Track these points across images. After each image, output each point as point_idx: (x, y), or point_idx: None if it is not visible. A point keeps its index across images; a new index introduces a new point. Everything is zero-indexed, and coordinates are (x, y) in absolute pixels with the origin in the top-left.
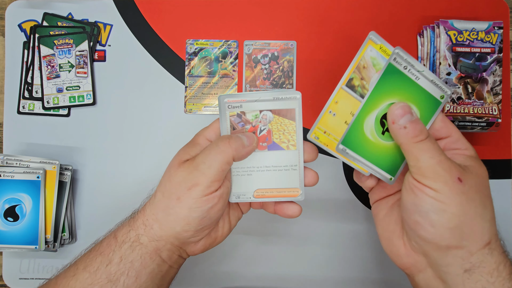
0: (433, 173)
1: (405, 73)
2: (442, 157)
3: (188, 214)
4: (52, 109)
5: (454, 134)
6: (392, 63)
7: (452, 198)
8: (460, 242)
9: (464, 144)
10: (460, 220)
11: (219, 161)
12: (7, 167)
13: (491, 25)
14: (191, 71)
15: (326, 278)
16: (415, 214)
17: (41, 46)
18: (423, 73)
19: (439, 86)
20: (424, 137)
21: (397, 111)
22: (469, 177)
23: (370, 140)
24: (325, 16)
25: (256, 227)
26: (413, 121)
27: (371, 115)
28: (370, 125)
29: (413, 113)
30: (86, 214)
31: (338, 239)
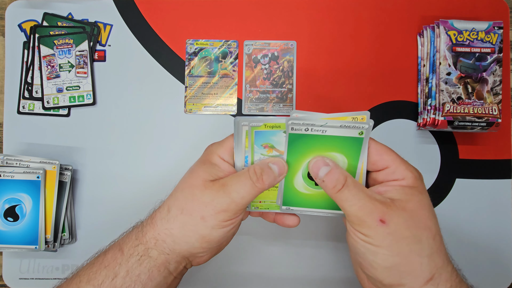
0: (357, 219)
1: (310, 133)
2: (362, 202)
3: (209, 233)
4: (52, 109)
5: (391, 164)
6: (291, 132)
7: (380, 240)
8: (399, 280)
9: (401, 174)
10: (394, 260)
11: (252, 195)
12: (7, 167)
13: (491, 25)
14: (191, 71)
15: (326, 278)
16: (357, 255)
17: (41, 46)
18: (328, 125)
19: (352, 127)
20: (340, 186)
21: (313, 168)
22: (394, 215)
23: (307, 194)
24: (325, 16)
25: (257, 228)
26: (329, 173)
27: (297, 176)
28: (300, 183)
29: (329, 163)
30: (86, 214)
31: (338, 239)
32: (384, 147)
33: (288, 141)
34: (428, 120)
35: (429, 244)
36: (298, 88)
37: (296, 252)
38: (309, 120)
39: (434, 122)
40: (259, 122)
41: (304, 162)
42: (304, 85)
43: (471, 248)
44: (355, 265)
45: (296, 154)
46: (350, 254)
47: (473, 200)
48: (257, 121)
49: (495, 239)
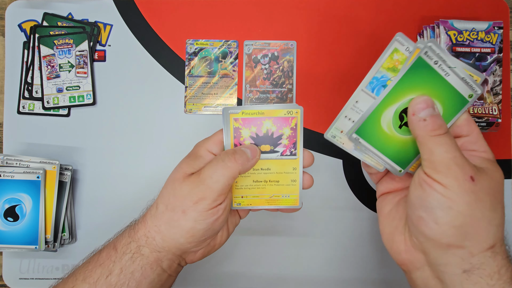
0: (446, 168)
1: (435, 68)
2: (458, 153)
3: (193, 226)
4: (52, 109)
5: (474, 134)
6: (423, 57)
7: (460, 196)
8: (462, 242)
9: (482, 146)
10: (466, 219)
11: (226, 176)
12: (7, 167)
13: (491, 25)
14: (191, 71)
15: (326, 278)
16: (420, 209)
17: (41, 46)
18: (455, 69)
19: (469, 84)
20: (442, 132)
21: (419, 104)
22: (483, 178)
23: (385, 132)
24: (325, 16)
25: (256, 228)
26: (433, 115)
27: (391, 108)
28: (387, 117)
29: (435, 108)
30: (86, 214)
31: (338, 239)
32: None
33: (412, 65)
34: None
35: (501, 216)
36: (298, 88)
37: (296, 252)
38: (444, 54)
39: None
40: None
41: (406, 97)
42: (304, 85)
43: None
44: (391, 225)
45: (405, 85)
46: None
47: None
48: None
49: None
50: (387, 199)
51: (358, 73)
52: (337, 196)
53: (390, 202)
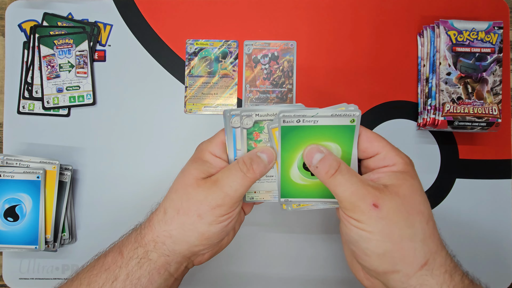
0: (350, 204)
1: (302, 124)
2: (354, 186)
3: (208, 230)
4: (52, 109)
5: (382, 151)
6: (284, 125)
7: (373, 226)
8: (393, 267)
9: (391, 159)
10: (387, 246)
11: (245, 186)
12: (7, 167)
13: (491, 25)
14: (191, 71)
15: (326, 278)
16: (351, 244)
17: (41, 46)
18: (319, 115)
19: (342, 115)
20: (333, 171)
21: (307, 156)
22: (387, 200)
23: (304, 184)
24: (325, 16)
25: (256, 228)
26: (322, 159)
27: (293, 168)
28: (296, 174)
29: (322, 150)
30: (86, 214)
31: (338, 239)
32: (374, 134)
33: (281, 133)
34: (428, 120)
35: (422, 228)
36: (298, 88)
37: (296, 252)
38: (300, 111)
39: (434, 122)
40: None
41: (298, 153)
42: (304, 85)
43: (471, 248)
44: (349, 256)
45: (290, 146)
46: (343, 246)
47: (473, 200)
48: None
49: (495, 239)
50: (342, 226)
51: (358, 73)
52: None
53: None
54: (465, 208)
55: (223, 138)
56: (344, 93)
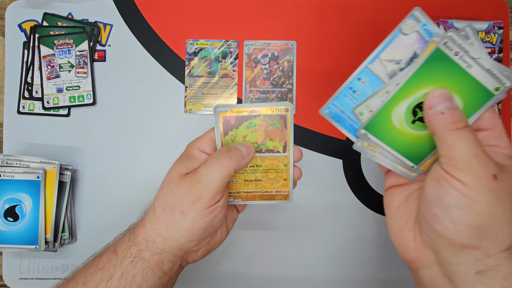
0: (467, 165)
1: (455, 60)
2: (480, 149)
3: (192, 226)
4: (52, 109)
5: (497, 129)
6: (441, 48)
7: (481, 195)
8: (478, 242)
9: (505, 142)
10: (485, 219)
11: (221, 174)
12: (7, 167)
13: (491, 25)
14: (191, 71)
15: (326, 278)
16: (436, 206)
17: (41, 46)
18: (479, 61)
19: (496, 76)
20: (462, 125)
21: (436, 97)
22: (505, 177)
23: (396, 128)
24: (325, 16)
25: (255, 228)
26: (452, 108)
27: (403, 103)
28: (399, 113)
29: (453, 101)
30: (86, 214)
31: (338, 239)
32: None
33: (428, 58)
34: None
35: None
36: (298, 88)
37: (296, 252)
38: (467, 44)
39: None
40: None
41: (421, 91)
42: (304, 85)
43: None
44: (401, 222)
45: (420, 78)
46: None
47: None
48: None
49: None
50: (396, 193)
51: None
52: (337, 196)
53: (399, 196)
54: None
55: (213, 135)
56: None
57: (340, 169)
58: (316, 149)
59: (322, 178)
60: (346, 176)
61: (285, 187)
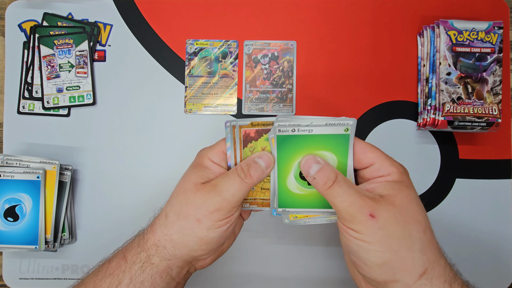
0: (348, 215)
1: (297, 134)
2: (352, 197)
3: (207, 234)
4: (52, 109)
5: (376, 161)
6: (279, 134)
7: (371, 236)
8: (393, 276)
9: (386, 170)
10: (386, 256)
11: (243, 191)
12: (7, 167)
13: (491, 25)
14: (191, 71)
15: (326, 278)
16: (351, 254)
17: (41, 46)
18: (313, 124)
19: (336, 124)
20: (331, 183)
21: (304, 167)
22: (383, 210)
23: (301, 194)
24: (325, 16)
25: (256, 229)
26: (320, 170)
27: (289, 177)
28: (293, 184)
29: (319, 161)
30: (86, 214)
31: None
32: (368, 144)
33: (277, 143)
34: (428, 120)
35: (420, 238)
36: (298, 88)
37: (296, 252)
38: (295, 121)
39: (434, 122)
40: (246, 121)
41: (295, 162)
42: (304, 85)
43: (471, 248)
44: (350, 265)
45: (286, 155)
46: (344, 255)
47: (473, 200)
48: (244, 120)
49: (495, 239)
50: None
51: (358, 73)
52: None
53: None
54: (465, 208)
55: (224, 147)
56: (344, 93)
57: None
58: None
59: None
60: None
61: None
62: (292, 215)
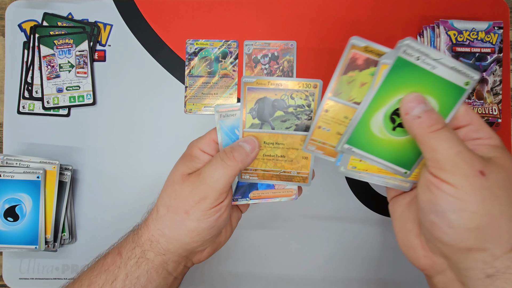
0: (452, 165)
1: (418, 64)
2: (462, 147)
3: (197, 226)
4: (52, 109)
5: (475, 122)
6: (402, 56)
7: (473, 195)
8: (482, 244)
9: (487, 133)
10: (482, 219)
11: (226, 175)
12: (7, 167)
13: (491, 25)
14: (191, 71)
15: (326, 278)
16: (431, 214)
17: (41, 46)
18: (441, 61)
19: (462, 72)
20: (440, 126)
21: (410, 102)
22: (494, 171)
23: (379, 138)
24: (325, 16)
25: (257, 228)
26: (427, 111)
27: (379, 113)
28: (378, 122)
29: (427, 103)
30: (86, 214)
31: (338, 239)
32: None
33: (392, 67)
34: None
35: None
36: None
37: (296, 253)
38: (425, 49)
39: None
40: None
41: (394, 98)
42: None
43: None
44: (405, 230)
45: (389, 87)
46: (393, 221)
47: None
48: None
49: None
50: (398, 202)
51: None
52: (338, 197)
53: (401, 205)
54: None
55: (214, 136)
56: None
57: None
58: None
59: (322, 178)
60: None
61: (305, 168)
62: (352, 163)
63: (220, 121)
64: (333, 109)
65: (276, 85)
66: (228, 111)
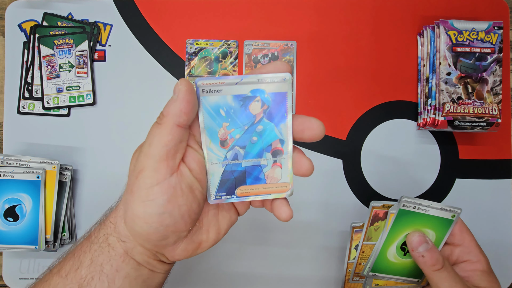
0: None
1: (415, 210)
2: (458, 285)
3: (143, 210)
4: (52, 109)
5: (467, 244)
6: (402, 208)
7: None
8: None
9: (476, 256)
10: None
11: (160, 135)
12: (7, 167)
13: (491, 25)
14: (191, 71)
15: (326, 278)
16: None
17: (41, 46)
18: (431, 205)
19: (448, 209)
20: (440, 266)
21: (414, 242)
22: None
23: (394, 263)
24: (325, 16)
25: (255, 228)
26: (429, 250)
27: (392, 246)
28: (392, 252)
29: (428, 241)
30: (86, 214)
31: (338, 239)
32: (466, 226)
33: (397, 215)
34: (428, 120)
35: None
36: (298, 88)
37: (296, 253)
38: (419, 200)
39: (434, 122)
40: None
41: (402, 234)
42: (304, 85)
43: None
44: None
45: (398, 228)
46: None
47: (473, 200)
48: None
49: (495, 239)
50: None
51: (358, 73)
52: (337, 196)
53: None
54: (465, 208)
55: None
56: (345, 93)
57: (340, 169)
58: (316, 149)
59: (322, 177)
60: (346, 176)
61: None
62: (375, 281)
63: (202, 97)
64: (366, 248)
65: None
66: (212, 85)
